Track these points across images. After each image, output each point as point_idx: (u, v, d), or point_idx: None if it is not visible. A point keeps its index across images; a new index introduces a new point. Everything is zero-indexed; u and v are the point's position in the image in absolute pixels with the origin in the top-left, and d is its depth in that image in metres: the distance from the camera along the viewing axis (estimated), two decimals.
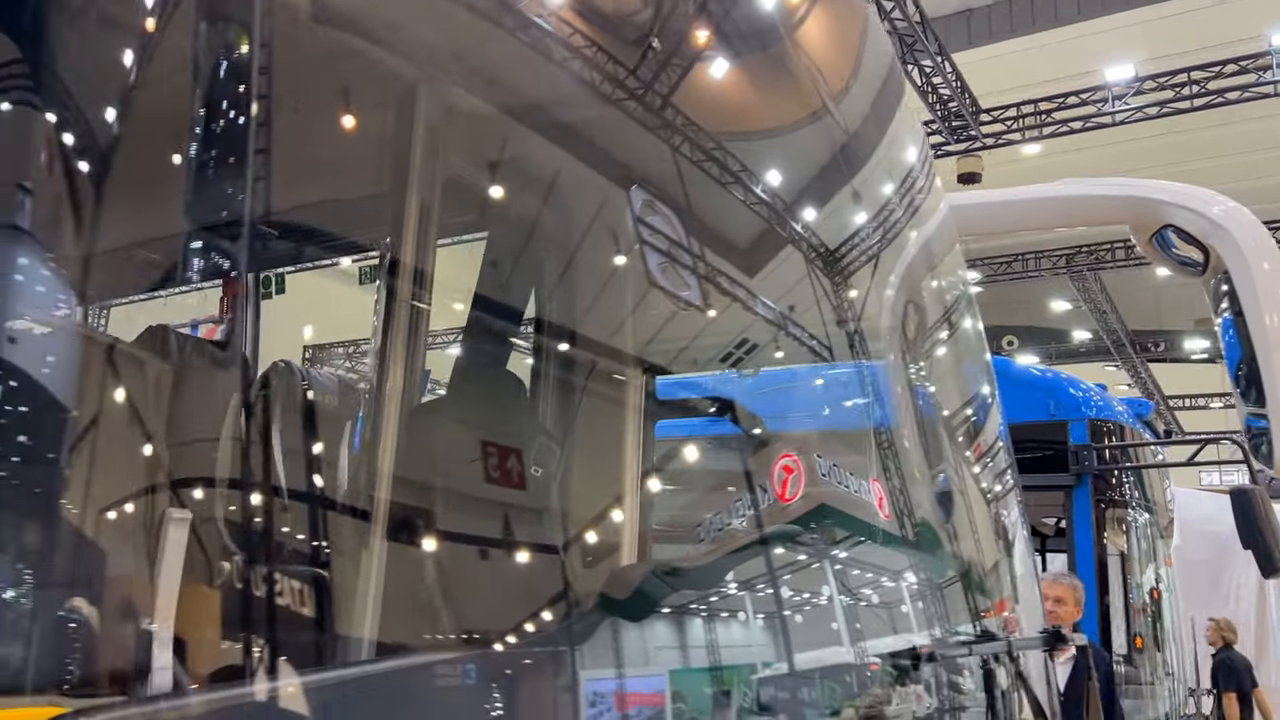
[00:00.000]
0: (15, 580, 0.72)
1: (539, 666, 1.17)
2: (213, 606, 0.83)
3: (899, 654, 1.55)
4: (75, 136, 0.85)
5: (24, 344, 0.79)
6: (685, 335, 1.62)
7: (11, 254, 0.80)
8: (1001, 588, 2.05)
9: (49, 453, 0.77)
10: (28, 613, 0.70)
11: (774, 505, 1.55)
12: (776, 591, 1.57)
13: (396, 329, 1.29)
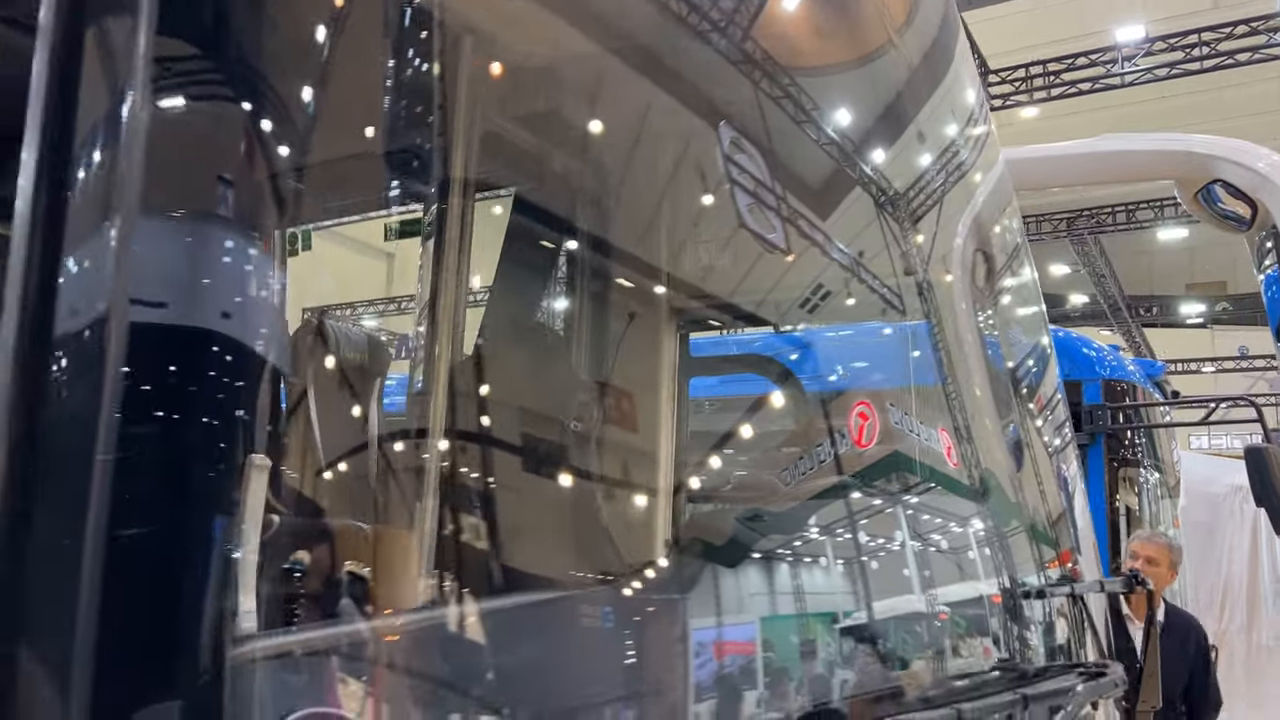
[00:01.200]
0: (250, 535, 0.71)
1: (640, 613, 1.17)
2: (407, 546, 0.82)
3: (981, 597, 1.55)
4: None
5: (239, 318, 0.77)
6: (768, 281, 1.60)
7: (224, 239, 0.79)
8: (1067, 537, 2.06)
9: (270, 415, 0.76)
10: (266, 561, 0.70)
11: (852, 451, 1.55)
12: (859, 536, 1.57)
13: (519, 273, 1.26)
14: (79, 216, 0.77)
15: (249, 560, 0.71)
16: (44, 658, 0.66)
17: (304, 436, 0.82)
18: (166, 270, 0.77)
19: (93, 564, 0.67)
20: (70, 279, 0.76)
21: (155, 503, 0.71)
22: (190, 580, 0.70)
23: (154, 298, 0.75)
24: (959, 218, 2.14)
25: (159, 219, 0.78)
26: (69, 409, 0.71)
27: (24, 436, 0.69)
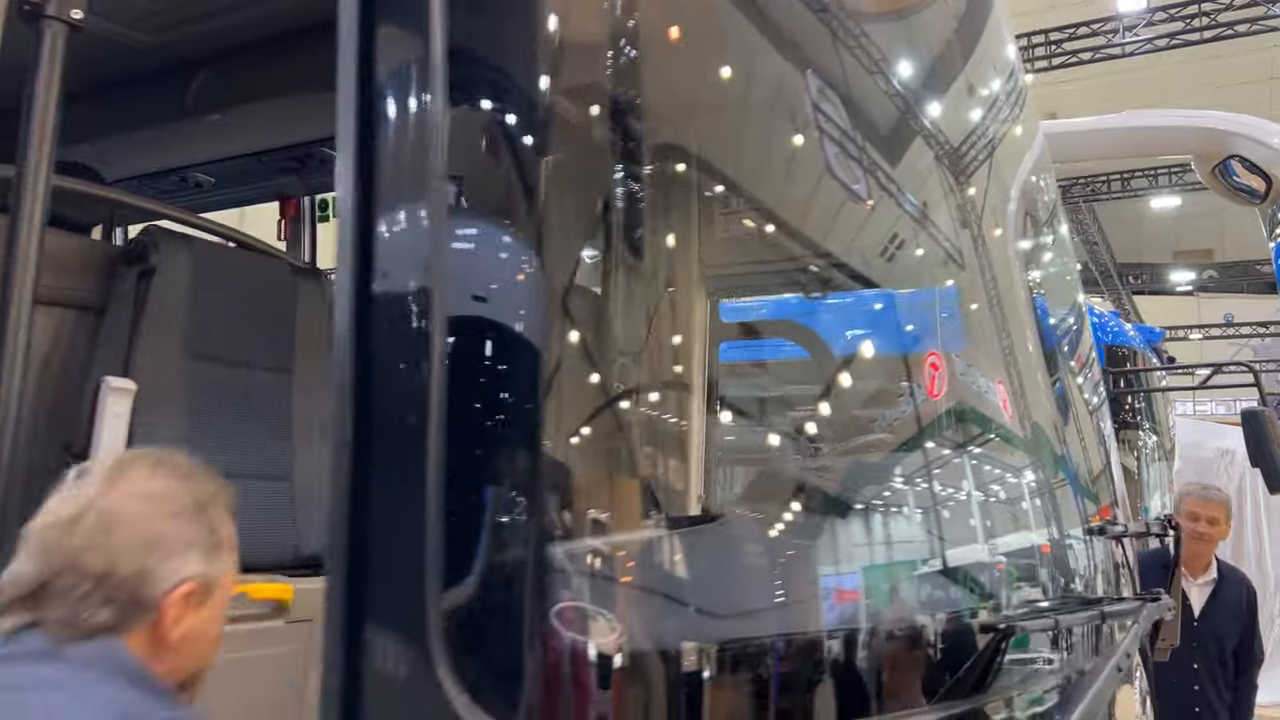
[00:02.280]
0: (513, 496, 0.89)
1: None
2: (634, 495, 1.00)
3: (1055, 539, 1.73)
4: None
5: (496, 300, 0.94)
6: (850, 233, 1.71)
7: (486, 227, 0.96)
8: (1111, 489, 2.26)
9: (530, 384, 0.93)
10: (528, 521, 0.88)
11: (927, 401, 1.69)
12: (937, 486, 1.72)
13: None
14: (392, 212, 0.94)
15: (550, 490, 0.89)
16: (411, 566, 0.85)
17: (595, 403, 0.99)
18: (479, 262, 0.94)
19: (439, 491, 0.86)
20: (388, 270, 0.94)
21: (486, 443, 0.90)
22: (512, 506, 0.88)
23: (465, 286, 0.93)
24: (1013, 176, 2.28)
25: (463, 214, 0.95)
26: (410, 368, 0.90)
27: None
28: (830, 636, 1.07)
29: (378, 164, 0.94)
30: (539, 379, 0.93)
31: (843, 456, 1.31)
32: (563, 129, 0.99)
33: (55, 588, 1.17)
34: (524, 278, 0.95)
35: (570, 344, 0.98)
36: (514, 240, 0.97)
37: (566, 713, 0.86)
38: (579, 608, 0.90)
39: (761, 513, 1.12)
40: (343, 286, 0.94)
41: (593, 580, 0.92)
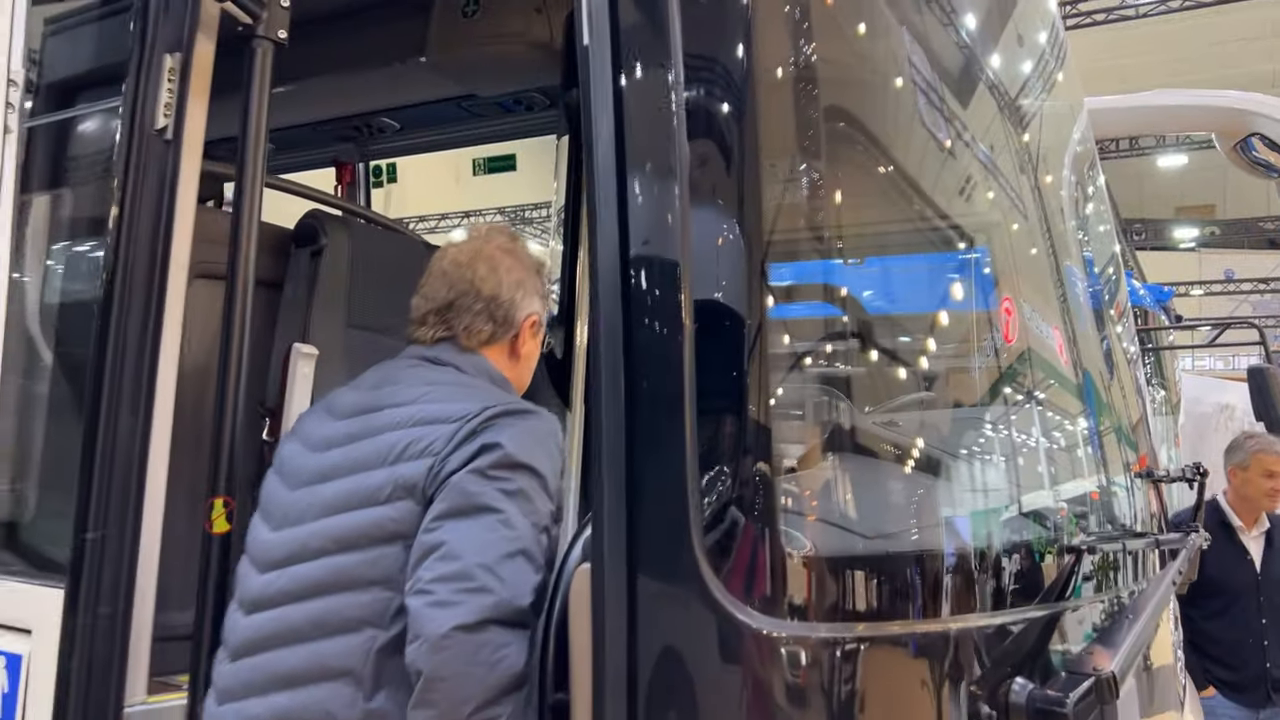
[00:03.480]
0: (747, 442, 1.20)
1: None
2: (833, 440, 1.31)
3: (1114, 482, 2.04)
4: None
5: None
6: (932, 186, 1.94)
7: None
8: (1148, 436, 2.57)
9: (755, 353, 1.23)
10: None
11: (1003, 347, 1.91)
12: (1016, 430, 1.97)
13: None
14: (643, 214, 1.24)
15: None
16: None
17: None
18: (715, 251, 1.24)
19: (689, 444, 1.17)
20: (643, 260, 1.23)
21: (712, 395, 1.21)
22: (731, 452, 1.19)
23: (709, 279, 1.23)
24: (1066, 131, 2.53)
25: (701, 207, 1.25)
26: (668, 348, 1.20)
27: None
28: (957, 544, 1.39)
29: (629, 160, 1.24)
30: (762, 349, 1.23)
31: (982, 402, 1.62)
32: (780, 127, 1.28)
33: (459, 305, 1.72)
34: (751, 264, 1.25)
35: (786, 320, 1.28)
36: (742, 231, 1.27)
37: (782, 591, 1.18)
38: (789, 526, 1.22)
39: (913, 453, 1.44)
40: (606, 277, 1.24)
41: (799, 503, 1.23)
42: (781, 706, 1.17)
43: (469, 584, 1.36)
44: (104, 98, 1.99)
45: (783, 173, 1.40)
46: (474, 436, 1.49)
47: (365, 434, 1.59)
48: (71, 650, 1.64)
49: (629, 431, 1.20)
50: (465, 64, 3.88)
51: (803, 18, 1.37)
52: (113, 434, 1.68)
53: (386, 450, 1.54)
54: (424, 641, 1.35)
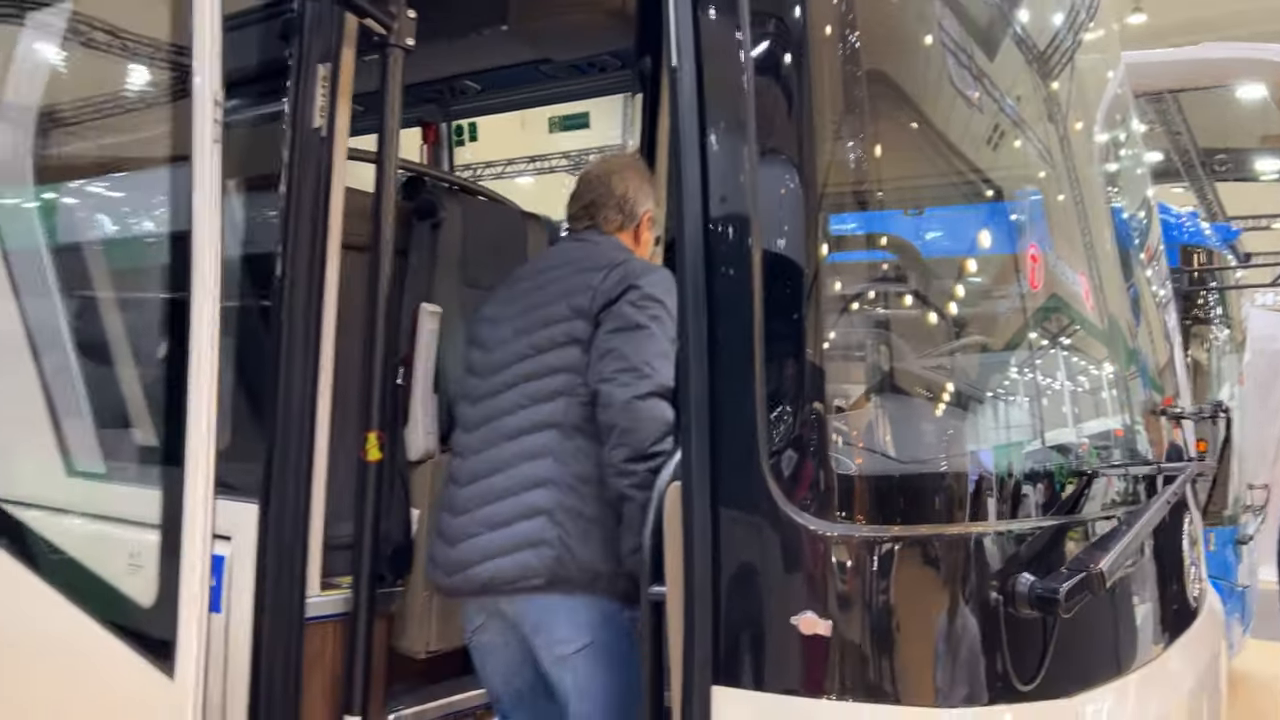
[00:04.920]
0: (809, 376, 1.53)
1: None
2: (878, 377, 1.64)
3: (1130, 419, 2.32)
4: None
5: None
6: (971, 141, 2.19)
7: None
8: (1174, 376, 2.82)
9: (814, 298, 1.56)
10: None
11: (1028, 293, 2.17)
12: (1047, 373, 2.23)
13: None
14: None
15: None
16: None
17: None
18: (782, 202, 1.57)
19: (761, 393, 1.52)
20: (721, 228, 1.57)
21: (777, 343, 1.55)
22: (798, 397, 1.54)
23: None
24: (1097, 78, 2.73)
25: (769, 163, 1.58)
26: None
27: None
28: (975, 466, 1.72)
29: (708, 126, 1.58)
30: (816, 298, 1.56)
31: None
32: (837, 88, 1.60)
33: (598, 202, 2.46)
34: (809, 216, 1.58)
35: (839, 269, 1.61)
36: (804, 186, 1.60)
37: (831, 501, 1.53)
38: (838, 451, 1.56)
39: (943, 390, 1.77)
40: (690, 228, 1.59)
41: (846, 432, 1.57)
42: (831, 589, 1.52)
43: (637, 373, 2.10)
44: (253, 98, 2.35)
45: (840, 130, 1.73)
46: (622, 278, 2.22)
47: (544, 284, 2.36)
48: (264, 553, 2.05)
49: (710, 371, 1.55)
50: (543, 31, 4.20)
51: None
52: (289, 379, 2.07)
53: (560, 289, 2.30)
54: (615, 408, 2.10)
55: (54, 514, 2.01)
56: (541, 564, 2.14)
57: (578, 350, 2.20)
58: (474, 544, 2.22)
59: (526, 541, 2.16)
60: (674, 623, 1.65)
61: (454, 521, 2.29)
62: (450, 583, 2.29)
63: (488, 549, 2.20)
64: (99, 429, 2.06)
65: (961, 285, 1.98)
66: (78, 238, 2.21)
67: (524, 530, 2.16)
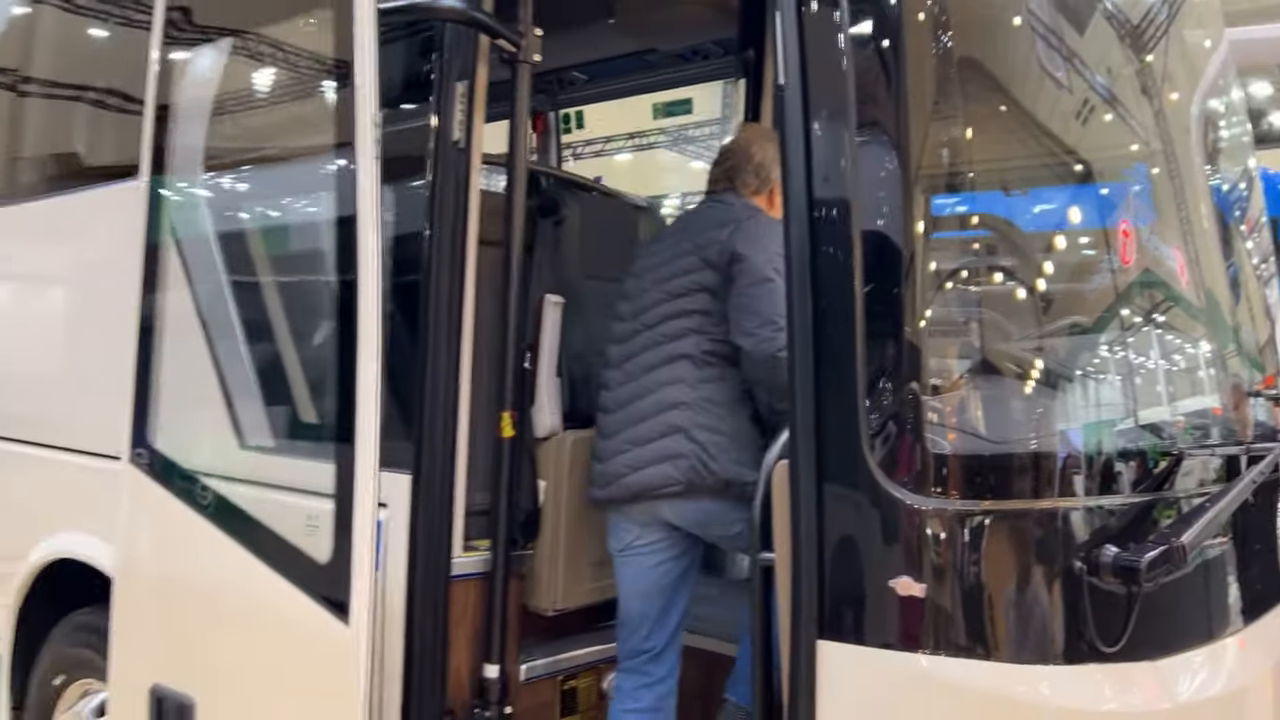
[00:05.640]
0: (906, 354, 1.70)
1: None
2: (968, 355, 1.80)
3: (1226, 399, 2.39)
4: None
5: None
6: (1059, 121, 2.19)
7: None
8: (1275, 356, 2.85)
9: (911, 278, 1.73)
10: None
11: (1120, 270, 2.25)
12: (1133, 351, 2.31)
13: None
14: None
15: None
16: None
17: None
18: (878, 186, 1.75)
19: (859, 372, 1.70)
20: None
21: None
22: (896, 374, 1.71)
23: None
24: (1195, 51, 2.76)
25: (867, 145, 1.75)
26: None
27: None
28: (1061, 445, 1.86)
29: (811, 113, 1.76)
30: (918, 276, 1.73)
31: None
32: (932, 73, 1.76)
33: (736, 166, 2.78)
34: (907, 200, 1.75)
35: (938, 248, 1.77)
36: (901, 168, 1.76)
37: (926, 478, 1.70)
38: (932, 432, 1.73)
39: (1033, 371, 1.91)
40: (795, 211, 1.77)
41: (941, 412, 1.74)
42: (926, 557, 1.70)
43: (774, 325, 2.36)
44: (401, 113, 2.60)
45: (937, 111, 1.87)
46: (749, 234, 2.51)
47: (680, 239, 2.69)
48: (415, 518, 2.32)
49: (816, 352, 1.74)
50: (649, 23, 4.39)
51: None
52: (435, 365, 2.33)
53: (693, 243, 2.61)
54: (760, 364, 2.43)
55: (243, 484, 2.31)
56: (680, 473, 2.50)
57: (707, 296, 2.55)
58: (622, 459, 2.60)
59: (666, 455, 2.52)
60: (782, 585, 1.85)
61: (605, 443, 2.67)
62: (605, 493, 2.66)
63: (634, 462, 2.57)
64: (284, 410, 2.36)
65: (1055, 264, 2.08)
66: (260, 238, 2.51)
67: (664, 446, 2.53)
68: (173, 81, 2.58)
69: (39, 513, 3.43)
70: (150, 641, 2.49)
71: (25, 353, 3.59)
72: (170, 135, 2.56)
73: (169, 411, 2.48)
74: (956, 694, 1.66)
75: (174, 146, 2.56)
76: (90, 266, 3.25)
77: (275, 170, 2.52)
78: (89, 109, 3.54)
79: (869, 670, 1.70)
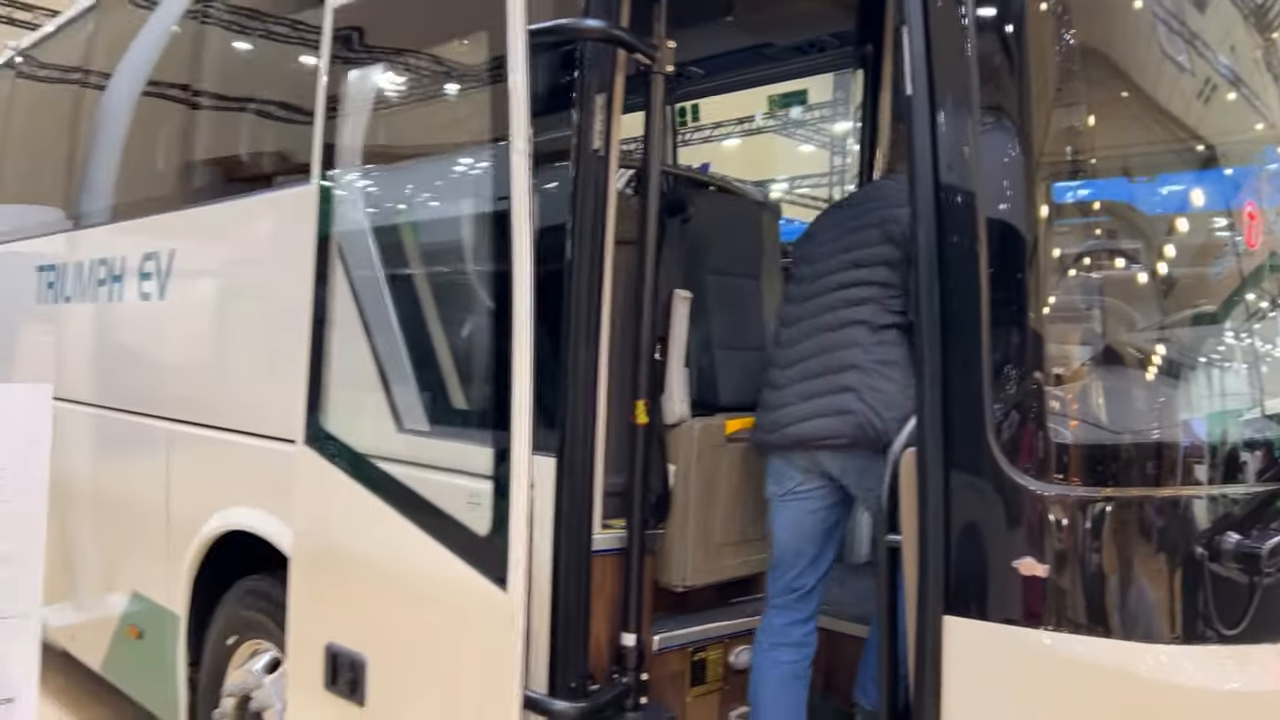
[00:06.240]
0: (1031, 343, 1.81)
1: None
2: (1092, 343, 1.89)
3: None
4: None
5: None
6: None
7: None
8: None
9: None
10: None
11: (1245, 253, 2.18)
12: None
13: None
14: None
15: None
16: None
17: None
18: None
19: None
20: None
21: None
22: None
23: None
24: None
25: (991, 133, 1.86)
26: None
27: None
28: (1182, 435, 1.93)
29: (937, 102, 1.87)
30: (1042, 263, 1.83)
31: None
32: (1054, 64, 1.86)
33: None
34: (1030, 190, 1.84)
35: (1062, 238, 1.87)
36: (1025, 156, 1.86)
37: (1049, 466, 1.81)
38: (1055, 422, 1.83)
39: (1155, 361, 1.99)
40: (923, 207, 1.89)
41: (1064, 403, 1.84)
42: (1048, 540, 1.81)
43: None
44: (544, 123, 2.78)
45: (1059, 100, 1.95)
46: None
47: (861, 214, 2.84)
48: (560, 497, 2.53)
49: (943, 342, 1.86)
50: (767, 20, 4.50)
51: None
52: (577, 356, 2.52)
53: (875, 218, 2.75)
54: None
55: (408, 465, 2.56)
56: (847, 428, 2.67)
57: (886, 270, 2.70)
58: (792, 410, 2.79)
59: (835, 410, 2.69)
60: (909, 565, 1.98)
61: (775, 394, 2.88)
62: (771, 439, 2.88)
63: (804, 414, 2.76)
64: (445, 398, 2.60)
65: (1178, 249, 2.14)
66: (420, 239, 2.75)
67: (834, 402, 2.70)
68: (339, 96, 2.83)
69: (213, 489, 3.80)
70: (324, 604, 2.77)
71: (207, 344, 3.97)
72: (338, 143, 2.82)
73: (339, 398, 2.75)
74: (1077, 668, 1.76)
75: (341, 154, 2.82)
76: (266, 265, 3.57)
77: (433, 176, 2.75)
78: (263, 120, 3.88)
79: (992, 644, 1.82)
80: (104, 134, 5.02)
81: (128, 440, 4.45)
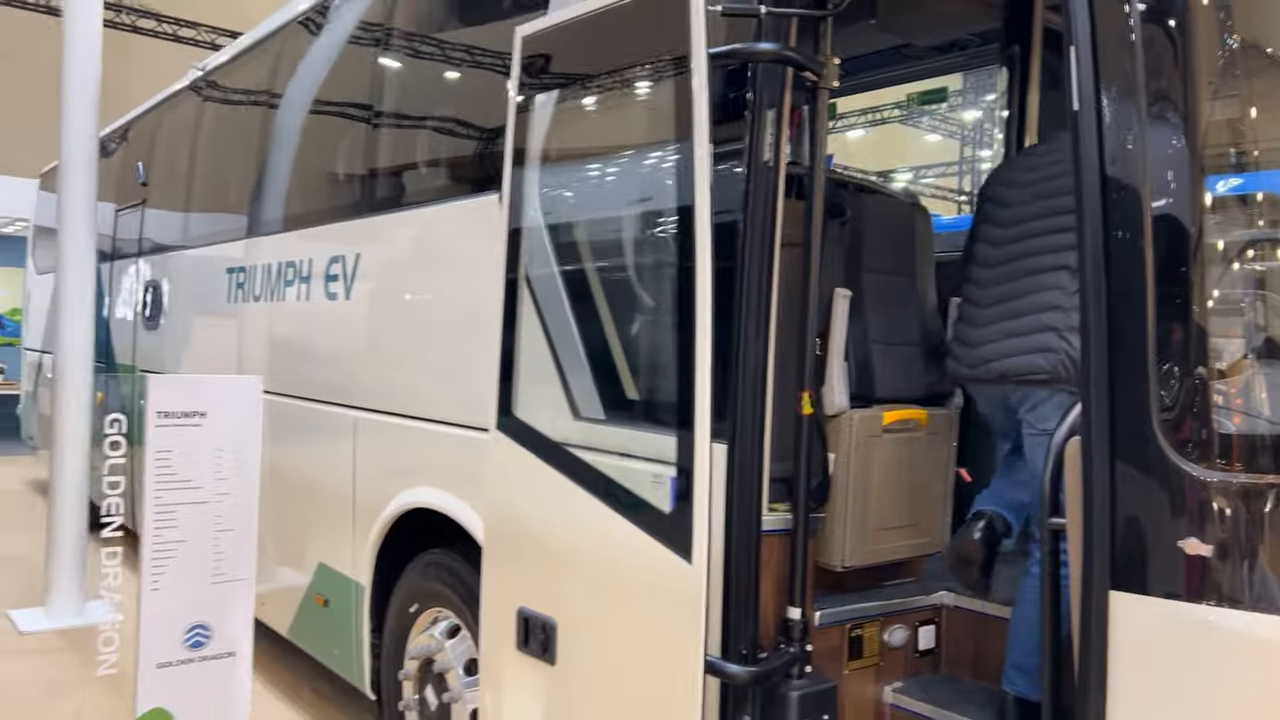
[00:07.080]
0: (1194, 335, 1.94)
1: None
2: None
3: None
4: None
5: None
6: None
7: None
8: None
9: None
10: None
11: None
12: None
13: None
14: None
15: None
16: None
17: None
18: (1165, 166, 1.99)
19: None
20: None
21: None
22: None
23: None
24: None
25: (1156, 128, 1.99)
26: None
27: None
28: None
29: (1102, 98, 2.01)
30: (1206, 257, 1.96)
31: None
32: (1217, 62, 1.98)
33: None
34: (1196, 184, 1.97)
35: (1225, 231, 1.99)
36: (1190, 152, 2.00)
37: (1212, 453, 1.93)
38: (1217, 413, 1.95)
39: None
40: (1088, 195, 2.03)
41: (1227, 393, 1.96)
42: (1210, 524, 1.94)
43: None
44: (721, 138, 2.99)
45: (1222, 93, 2.06)
46: None
47: (1060, 159, 2.84)
48: (731, 480, 2.75)
49: (1109, 333, 2.00)
50: (910, 21, 4.62)
51: None
52: (748, 350, 2.75)
53: (1063, 177, 2.67)
54: None
55: (594, 451, 2.84)
56: (1048, 364, 2.83)
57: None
58: (994, 347, 3.00)
59: (1036, 348, 2.85)
60: (1074, 545, 2.14)
61: (975, 332, 3.10)
62: (971, 373, 3.11)
63: (1005, 350, 2.95)
64: (631, 389, 2.87)
65: None
66: (604, 247, 3.02)
67: (1036, 340, 2.86)
68: (527, 114, 3.12)
69: (398, 471, 4.18)
70: (515, 572, 3.07)
71: (394, 340, 4.37)
72: (526, 157, 3.12)
73: (530, 391, 3.05)
74: (1237, 641, 1.89)
75: (528, 167, 3.12)
76: (456, 269, 3.93)
77: (616, 187, 3.02)
78: (456, 136, 4.25)
79: (1155, 617, 1.96)
80: (295, 147, 5.52)
81: (316, 427, 4.91)
